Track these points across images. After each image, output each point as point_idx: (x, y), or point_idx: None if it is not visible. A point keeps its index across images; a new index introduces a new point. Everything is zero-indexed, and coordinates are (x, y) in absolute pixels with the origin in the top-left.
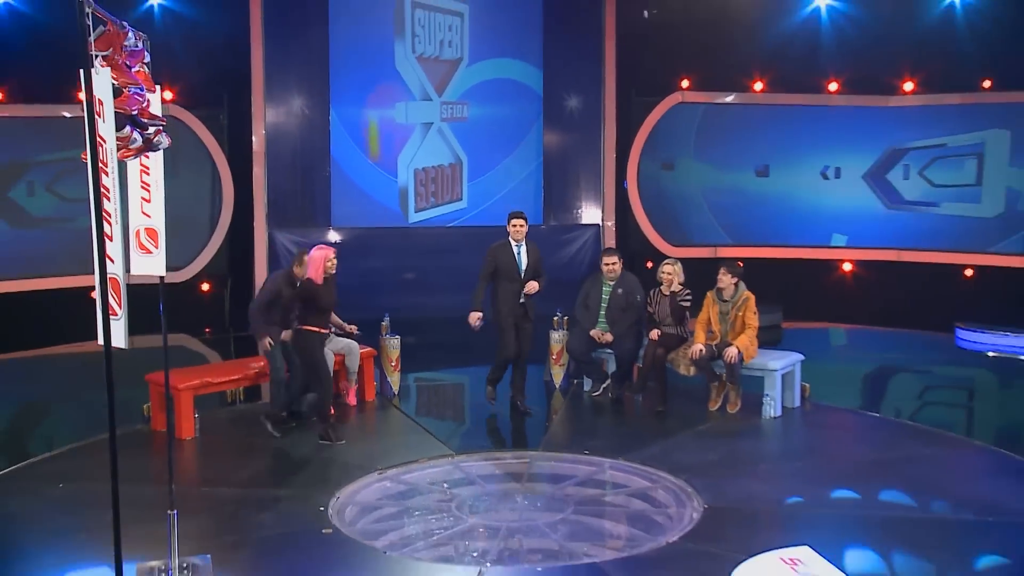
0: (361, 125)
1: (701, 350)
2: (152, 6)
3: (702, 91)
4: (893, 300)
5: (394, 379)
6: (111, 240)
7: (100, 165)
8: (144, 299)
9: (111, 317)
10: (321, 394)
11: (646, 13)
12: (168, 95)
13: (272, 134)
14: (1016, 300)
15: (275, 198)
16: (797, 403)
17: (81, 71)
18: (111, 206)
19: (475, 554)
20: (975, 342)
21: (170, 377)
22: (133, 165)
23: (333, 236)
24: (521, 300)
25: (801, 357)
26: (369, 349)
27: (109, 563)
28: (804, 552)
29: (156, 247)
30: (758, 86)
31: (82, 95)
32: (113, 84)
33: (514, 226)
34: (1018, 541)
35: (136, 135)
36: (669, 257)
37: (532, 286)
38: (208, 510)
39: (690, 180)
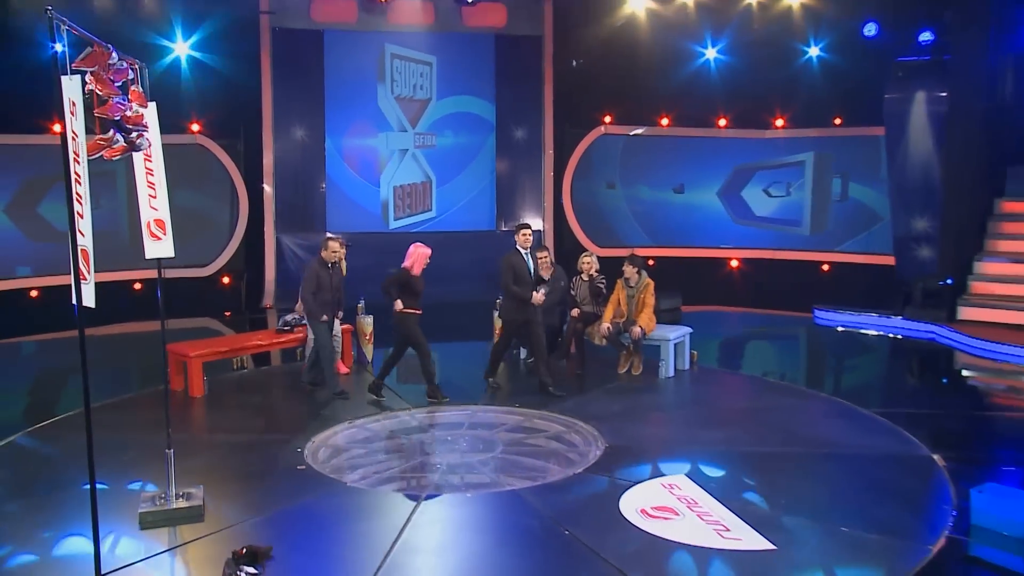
0: (350, 151)
1: (609, 328)
2: (178, 57)
3: (620, 125)
4: (767, 289)
5: (368, 350)
6: (82, 217)
7: (72, 155)
8: (179, 289)
9: (81, 281)
10: (425, 362)
11: (574, 63)
12: (196, 127)
13: (278, 158)
14: (859, 287)
15: (281, 209)
16: (687, 366)
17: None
18: (82, 189)
19: (428, 485)
20: (828, 320)
21: (185, 347)
22: (139, 168)
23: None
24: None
25: (690, 330)
26: (347, 326)
27: (125, 485)
28: (681, 479)
29: (164, 234)
30: (664, 121)
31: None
32: (98, 94)
33: (523, 235)
34: (846, 467)
35: (118, 136)
36: (587, 250)
37: (539, 298)
38: (206, 451)
39: (617, 194)
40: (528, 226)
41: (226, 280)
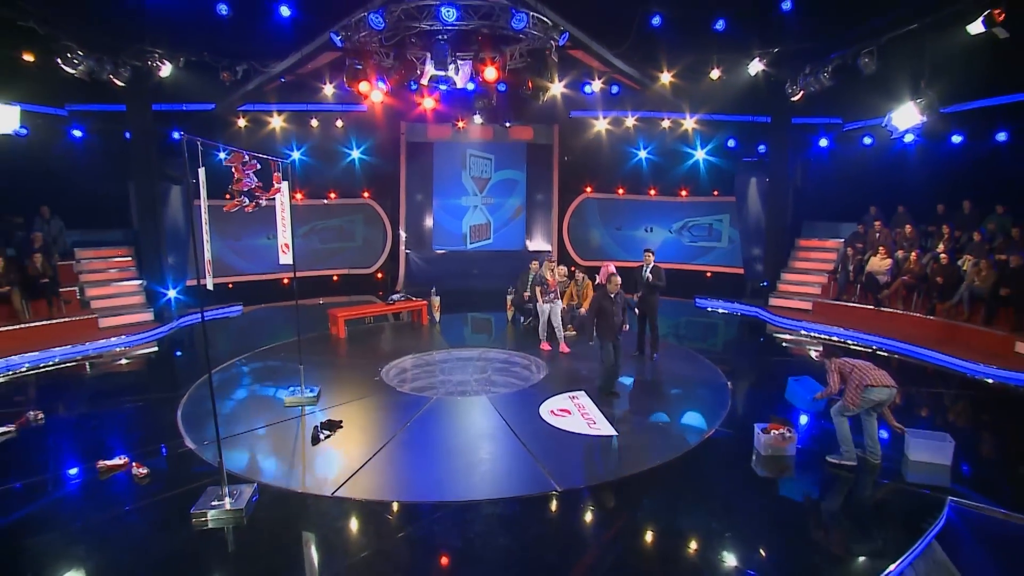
0: (446, 206)
1: (564, 308)
2: (354, 159)
3: (597, 193)
4: (674, 284)
5: (437, 315)
6: (207, 241)
7: (202, 208)
8: (356, 279)
9: (208, 274)
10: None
11: (566, 158)
12: (366, 194)
13: (408, 210)
14: (724, 286)
15: (409, 237)
16: None
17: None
18: (206, 226)
19: (441, 392)
20: (703, 304)
21: (338, 310)
22: (278, 215)
23: (438, 251)
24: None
25: None
26: (424, 301)
27: (284, 384)
28: (580, 394)
29: (289, 250)
30: (620, 191)
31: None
32: (235, 176)
33: (648, 257)
34: (675, 388)
35: (245, 199)
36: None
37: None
38: (331, 367)
39: (605, 232)
40: (651, 250)
41: (379, 275)
